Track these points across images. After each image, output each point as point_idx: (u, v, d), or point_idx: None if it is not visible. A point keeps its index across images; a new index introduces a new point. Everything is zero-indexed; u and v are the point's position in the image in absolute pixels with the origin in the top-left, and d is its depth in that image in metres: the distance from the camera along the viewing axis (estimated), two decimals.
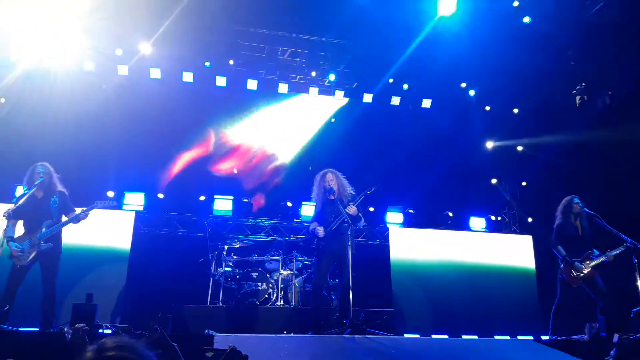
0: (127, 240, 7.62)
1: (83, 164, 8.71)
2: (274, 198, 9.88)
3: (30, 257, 5.36)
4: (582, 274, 6.08)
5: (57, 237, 5.56)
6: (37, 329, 5.17)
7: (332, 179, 5.91)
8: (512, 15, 8.43)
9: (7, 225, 5.31)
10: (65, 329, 3.84)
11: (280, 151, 10.59)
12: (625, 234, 6.04)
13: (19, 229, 5.51)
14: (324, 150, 10.41)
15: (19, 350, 3.74)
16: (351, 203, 5.74)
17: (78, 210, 5.65)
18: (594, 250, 6.22)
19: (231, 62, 9.48)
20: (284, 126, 10.73)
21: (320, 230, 5.72)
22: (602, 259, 6.11)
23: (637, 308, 5.75)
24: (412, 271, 8.32)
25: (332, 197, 5.82)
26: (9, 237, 5.31)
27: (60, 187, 5.71)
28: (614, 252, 6.07)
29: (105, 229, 7.46)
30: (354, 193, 5.98)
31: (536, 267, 8.74)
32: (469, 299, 8.19)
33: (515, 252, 8.87)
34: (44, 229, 5.44)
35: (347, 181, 6.05)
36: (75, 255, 6.75)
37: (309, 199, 6.61)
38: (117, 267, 7.39)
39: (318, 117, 10.97)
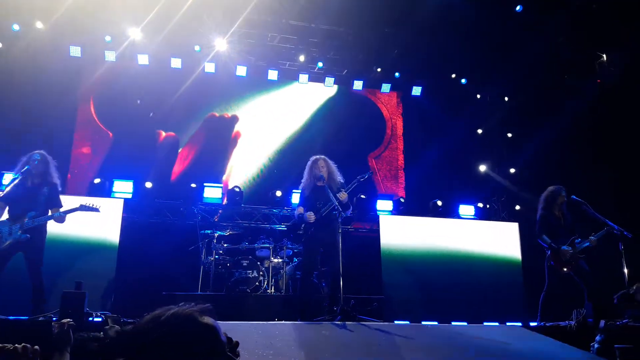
0: (117, 228, 7.54)
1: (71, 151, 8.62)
2: (265, 186, 9.84)
3: (7, 243, 5.23)
4: (569, 258, 6.14)
5: (40, 229, 5.43)
6: (26, 318, 5.12)
7: (323, 165, 5.89)
8: (504, 2, 8.43)
9: None
10: (53, 323, 3.80)
11: (270, 139, 10.52)
12: (612, 221, 6.12)
13: (4, 214, 5.38)
14: (314, 138, 10.37)
15: (5, 338, 3.70)
16: (343, 190, 5.73)
17: (72, 203, 5.56)
18: (577, 237, 6.31)
19: (221, 46, 9.38)
20: (273, 114, 10.66)
21: (311, 216, 5.69)
22: (586, 243, 6.20)
23: (620, 292, 5.84)
24: (402, 258, 8.34)
25: (321, 184, 5.80)
26: None
27: (54, 179, 5.58)
28: (597, 236, 6.17)
29: (94, 217, 7.36)
30: (342, 181, 5.97)
31: (522, 254, 8.81)
32: (458, 285, 8.24)
33: (502, 239, 8.93)
34: (26, 219, 5.31)
35: (338, 169, 6.05)
36: (65, 243, 6.68)
37: (298, 187, 6.58)
38: (107, 255, 7.30)
39: (308, 105, 10.92)
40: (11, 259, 5.34)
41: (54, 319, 4.40)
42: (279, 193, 8.98)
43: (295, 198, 8.76)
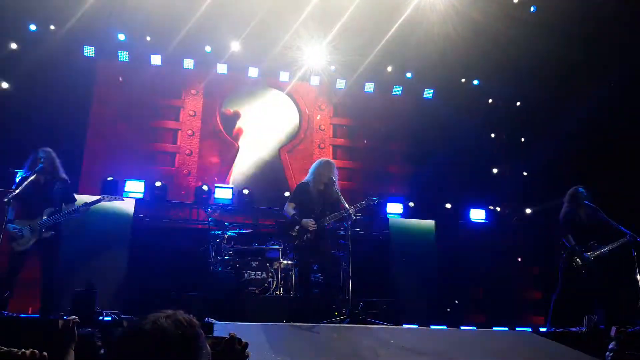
0: (128, 228, 7.63)
1: (84, 150, 8.71)
2: (276, 188, 9.84)
3: (30, 242, 5.25)
4: (584, 264, 6.03)
5: (59, 226, 5.48)
6: (37, 316, 5.18)
7: (333, 171, 5.86)
8: (518, 5, 8.39)
9: (8, 209, 5.21)
10: (59, 320, 3.85)
11: (272, 138, 10.53)
12: (628, 225, 6.03)
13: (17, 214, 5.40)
14: None
15: (14, 336, 3.75)
16: (354, 205, 5.67)
17: (82, 198, 5.62)
18: (595, 242, 6.21)
19: (233, 48, 9.48)
20: (283, 114, 10.67)
21: (313, 225, 5.65)
22: (597, 252, 6.11)
23: None
24: (411, 261, 8.35)
25: (322, 189, 5.77)
26: (8, 219, 5.18)
27: (63, 175, 5.64)
28: (611, 247, 6.08)
29: (107, 216, 7.46)
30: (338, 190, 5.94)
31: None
32: (467, 289, 8.25)
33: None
34: (45, 217, 5.33)
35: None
36: (77, 242, 6.75)
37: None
38: (118, 254, 7.41)
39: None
40: (28, 256, 5.35)
41: (65, 317, 4.46)
42: (287, 194, 8.98)
43: None
